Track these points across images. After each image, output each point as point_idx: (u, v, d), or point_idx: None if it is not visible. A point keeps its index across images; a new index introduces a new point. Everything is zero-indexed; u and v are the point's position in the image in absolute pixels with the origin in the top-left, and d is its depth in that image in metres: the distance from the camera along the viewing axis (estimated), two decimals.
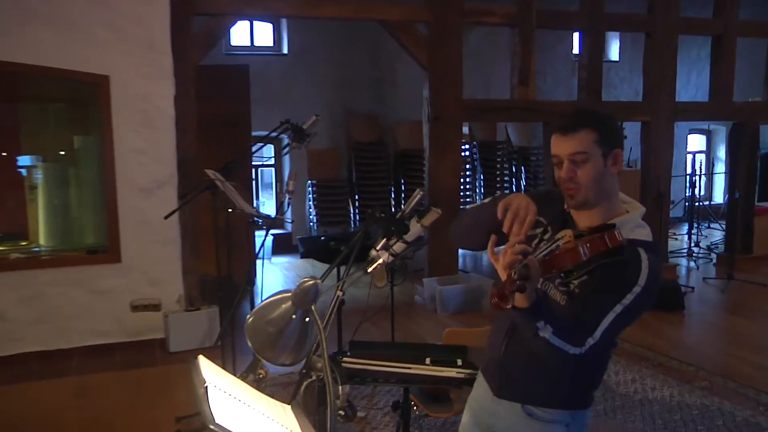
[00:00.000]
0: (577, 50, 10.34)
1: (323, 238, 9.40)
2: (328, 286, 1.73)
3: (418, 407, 3.01)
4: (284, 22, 9.97)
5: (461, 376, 2.41)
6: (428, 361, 2.50)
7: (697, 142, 13.16)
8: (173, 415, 3.94)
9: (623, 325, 1.60)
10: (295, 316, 1.42)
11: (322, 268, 8.31)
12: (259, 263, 5.83)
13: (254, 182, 9.60)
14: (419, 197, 2.16)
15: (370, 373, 2.47)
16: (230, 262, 4.14)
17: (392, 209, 9.70)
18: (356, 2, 6.58)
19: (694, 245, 9.24)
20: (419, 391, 3.02)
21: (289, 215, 9.00)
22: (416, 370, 2.47)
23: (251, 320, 1.45)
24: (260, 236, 5.10)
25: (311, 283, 1.39)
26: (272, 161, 10.62)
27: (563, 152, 1.68)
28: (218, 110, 6.37)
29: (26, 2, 4.97)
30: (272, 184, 10.97)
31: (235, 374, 1.43)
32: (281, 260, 9.43)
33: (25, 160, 5.84)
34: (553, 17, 7.51)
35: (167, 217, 4.38)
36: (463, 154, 9.20)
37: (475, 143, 10.62)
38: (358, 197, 10.00)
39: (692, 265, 8.70)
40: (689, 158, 12.03)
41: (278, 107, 8.58)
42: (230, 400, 1.20)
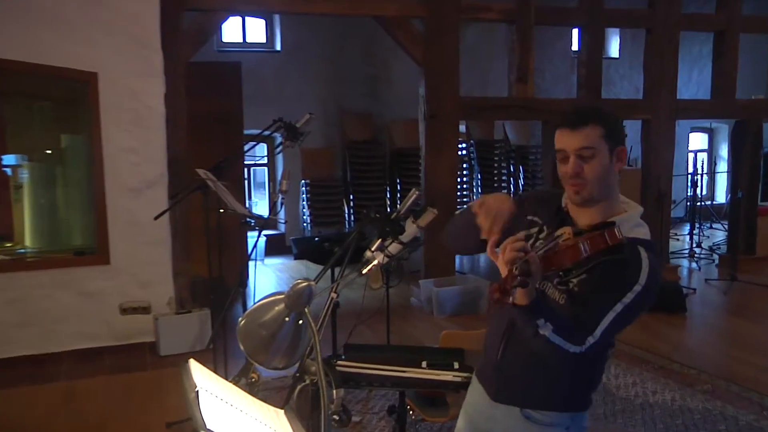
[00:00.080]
0: (576, 47, 10.38)
1: (317, 238, 9.36)
2: (322, 287, 1.73)
3: (414, 411, 3.01)
4: (277, 18, 9.96)
5: (458, 379, 2.42)
6: (424, 364, 2.51)
7: (698, 140, 13.20)
8: (164, 420, 3.92)
9: (623, 324, 1.61)
10: (288, 318, 1.42)
11: (316, 269, 8.28)
12: (251, 265, 5.85)
13: (246, 182, 9.58)
14: (415, 197, 2.16)
15: (365, 376, 2.47)
16: (222, 263, 4.14)
17: (387, 209, 9.69)
18: None
19: (695, 246, 9.28)
20: (415, 395, 3.02)
21: (282, 215, 8.98)
22: (412, 373, 2.47)
23: (243, 323, 1.45)
24: (253, 237, 5.11)
25: (305, 284, 1.39)
26: (265, 160, 10.62)
27: (570, 147, 1.68)
28: (210, 108, 6.37)
29: None
30: (265, 183, 10.97)
31: (227, 378, 1.44)
32: (274, 261, 9.43)
33: (10, 159, 5.82)
34: (551, 13, 7.52)
35: (157, 217, 4.37)
36: (459, 153, 9.24)
37: (472, 142, 10.62)
38: (352, 197, 10.00)
39: (694, 266, 8.73)
40: (691, 157, 12.09)
41: (271, 105, 8.54)
42: (222, 404, 1.20)
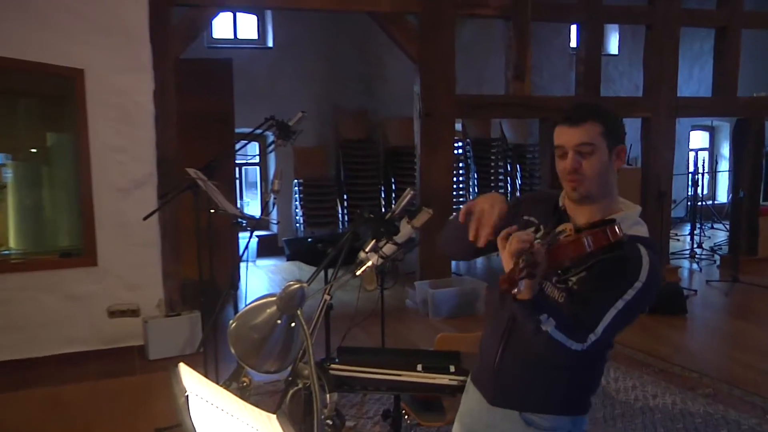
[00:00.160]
0: (574, 43, 10.41)
1: (310, 239, 9.33)
2: (315, 289, 1.73)
3: (409, 416, 3.01)
4: (269, 13, 9.96)
5: (454, 383, 2.42)
6: (420, 367, 2.52)
7: (699, 139, 13.24)
8: (153, 426, 3.92)
9: (624, 321, 1.63)
10: (280, 321, 1.42)
11: (309, 270, 8.28)
12: (243, 266, 5.85)
13: (238, 181, 9.56)
14: (410, 197, 2.17)
15: (359, 380, 2.47)
16: (213, 265, 4.14)
17: (382, 209, 9.70)
18: None
19: (696, 246, 9.30)
20: (410, 399, 3.02)
21: (274, 216, 8.99)
22: (407, 377, 2.48)
23: (234, 326, 1.45)
24: (244, 238, 5.10)
25: (297, 286, 1.39)
26: (257, 159, 10.61)
27: (569, 143, 1.71)
28: (200, 106, 6.35)
29: None
30: (257, 183, 10.97)
31: (217, 382, 1.44)
32: (266, 263, 9.42)
33: None
34: (549, 9, 7.54)
35: (146, 218, 4.37)
36: (455, 151, 9.23)
37: (468, 140, 10.64)
38: (346, 197, 10.00)
39: (695, 267, 8.75)
40: (692, 156, 12.14)
41: (263, 103, 8.55)
42: (213, 409, 1.20)
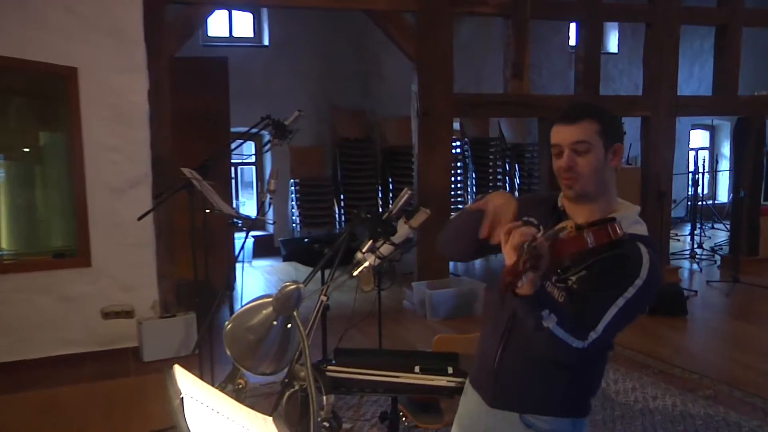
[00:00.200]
0: (573, 42, 10.42)
1: (307, 240, 9.41)
2: (311, 290, 1.73)
3: (406, 418, 3.01)
4: (265, 11, 9.96)
5: (452, 384, 2.42)
6: (417, 369, 2.52)
7: (700, 138, 13.27)
8: (148, 428, 3.92)
9: (625, 320, 1.63)
10: (276, 322, 1.42)
11: (305, 271, 8.31)
12: (238, 267, 5.86)
13: (233, 181, 9.58)
14: (407, 197, 2.17)
15: (356, 382, 2.48)
16: (208, 265, 4.15)
17: (379, 209, 9.70)
18: None
19: (696, 247, 9.32)
20: (408, 400, 3.02)
21: (270, 216, 8.97)
22: (405, 378, 2.48)
23: (230, 327, 1.45)
24: (240, 238, 5.10)
25: (293, 287, 1.39)
26: (253, 159, 10.60)
27: (564, 141, 1.72)
28: (195, 105, 6.36)
29: None
30: (253, 183, 10.95)
31: (213, 384, 1.44)
32: (262, 263, 9.42)
33: None
34: (548, 7, 7.55)
35: (141, 218, 4.36)
36: (453, 151, 9.22)
37: (466, 140, 10.65)
38: (343, 197, 10.01)
39: (695, 267, 8.77)
40: (692, 155, 12.17)
41: (259, 102, 8.55)
42: (208, 412, 1.20)
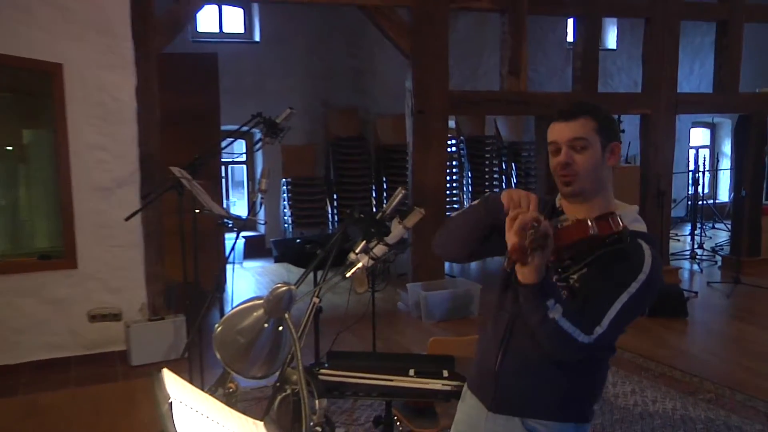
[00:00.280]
0: (571, 38, 10.42)
1: (299, 240, 9.33)
2: (303, 292, 1.73)
3: (401, 422, 3.02)
4: (255, 6, 9.93)
5: (448, 388, 2.43)
6: (412, 372, 2.52)
7: (700, 136, 13.31)
8: None
9: (629, 315, 1.66)
10: (267, 324, 1.42)
11: (297, 272, 8.27)
12: (229, 268, 5.84)
13: (224, 180, 9.56)
14: (402, 196, 2.17)
15: (349, 386, 2.48)
16: (198, 267, 4.14)
17: (373, 209, 9.70)
18: None
19: (697, 247, 9.34)
20: (402, 405, 3.02)
21: (261, 216, 8.96)
22: (399, 382, 2.48)
23: (220, 330, 1.45)
24: (231, 239, 5.09)
25: (285, 288, 1.39)
26: (243, 158, 10.57)
27: (562, 138, 1.75)
28: (184, 102, 6.34)
29: None
30: (243, 182, 10.93)
31: (203, 389, 1.43)
32: (253, 264, 9.41)
33: None
34: (545, 2, 7.55)
35: (128, 218, 4.35)
36: (449, 149, 9.25)
37: (462, 138, 10.65)
38: (336, 196, 9.99)
39: (695, 268, 8.79)
40: (692, 153, 12.21)
41: (250, 99, 8.56)
42: (197, 417, 1.19)
